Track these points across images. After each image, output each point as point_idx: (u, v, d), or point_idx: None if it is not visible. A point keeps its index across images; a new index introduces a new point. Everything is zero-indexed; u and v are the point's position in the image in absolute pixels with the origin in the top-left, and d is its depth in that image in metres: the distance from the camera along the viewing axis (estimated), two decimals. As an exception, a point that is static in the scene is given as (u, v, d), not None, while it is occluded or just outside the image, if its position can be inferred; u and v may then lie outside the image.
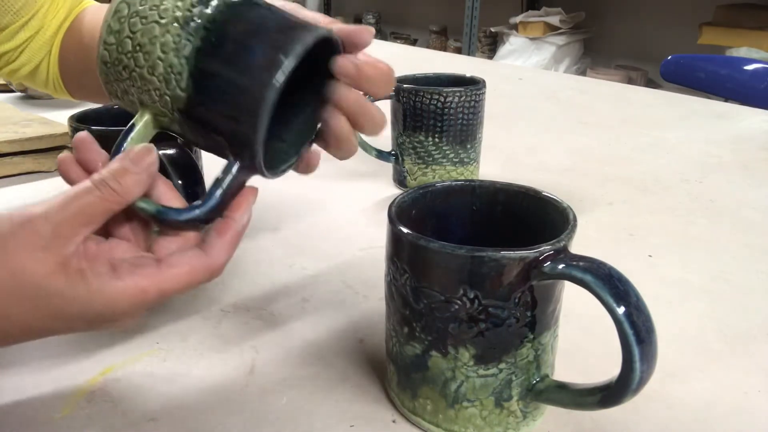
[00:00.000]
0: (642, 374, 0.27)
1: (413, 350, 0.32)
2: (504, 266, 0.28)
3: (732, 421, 0.34)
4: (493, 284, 0.29)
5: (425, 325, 0.31)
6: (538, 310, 0.30)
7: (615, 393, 0.28)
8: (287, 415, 0.34)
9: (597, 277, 0.27)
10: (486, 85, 0.61)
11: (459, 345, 0.30)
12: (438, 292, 0.30)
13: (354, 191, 0.63)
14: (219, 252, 0.31)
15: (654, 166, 0.72)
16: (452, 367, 0.31)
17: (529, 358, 0.31)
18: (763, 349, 0.40)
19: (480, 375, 0.31)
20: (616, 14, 2.80)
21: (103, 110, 0.50)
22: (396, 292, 0.32)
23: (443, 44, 3.25)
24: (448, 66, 1.28)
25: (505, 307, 0.29)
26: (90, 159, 0.32)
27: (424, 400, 0.32)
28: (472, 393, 0.31)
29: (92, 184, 0.29)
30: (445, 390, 0.31)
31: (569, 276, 0.28)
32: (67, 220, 0.29)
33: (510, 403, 0.31)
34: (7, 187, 0.63)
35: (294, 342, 0.40)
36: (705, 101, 1.03)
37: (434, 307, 0.30)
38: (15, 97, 0.94)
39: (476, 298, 0.29)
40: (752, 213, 0.60)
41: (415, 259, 0.30)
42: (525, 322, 0.30)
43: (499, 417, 0.32)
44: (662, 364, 0.38)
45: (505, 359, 0.30)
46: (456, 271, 0.29)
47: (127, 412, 0.34)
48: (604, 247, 0.53)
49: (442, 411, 0.32)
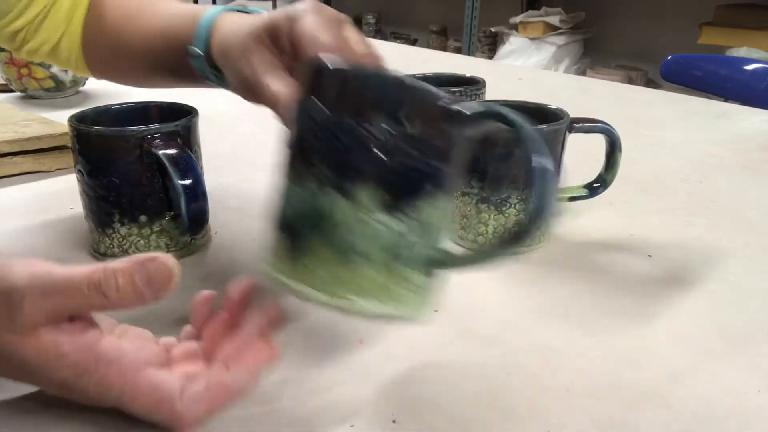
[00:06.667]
0: (549, 195, 0.28)
1: (311, 196, 0.29)
2: (429, 103, 0.29)
3: (732, 421, 0.34)
4: (415, 120, 0.29)
5: (335, 163, 0.29)
6: (446, 165, 0.30)
7: (527, 225, 0.28)
8: (287, 415, 0.34)
9: (510, 112, 0.29)
10: (486, 85, 0.61)
11: (369, 188, 0.29)
12: (359, 123, 0.29)
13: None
14: (193, 405, 0.30)
15: (654, 166, 0.72)
16: (354, 214, 0.29)
17: (432, 218, 0.30)
18: (763, 349, 0.40)
19: (383, 224, 0.29)
20: (616, 14, 2.81)
21: (103, 110, 0.50)
22: (306, 127, 0.30)
23: (443, 44, 3.25)
24: (448, 66, 1.28)
25: (422, 150, 0.29)
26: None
27: (312, 260, 0.30)
28: (370, 246, 0.29)
29: (84, 283, 0.28)
30: (341, 243, 0.29)
31: (491, 114, 0.29)
32: (38, 306, 0.28)
33: (405, 267, 0.30)
34: (7, 187, 0.63)
35: (294, 342, 0.40)
36: (705, 101, 1.03)
37: (351, 142, 0.29)
38: (15, 97, 0.94)
39: (396, 133, 0.29)
40: (752, 213, 0.60)
41: (339, 89, 0.29)
42: (435, 174, 0.29)
43: (390, 283, 0.30)
44: (662, 364, 0.38)
45: (409, 212, 0.29)
46: (385, 102, 0.29)
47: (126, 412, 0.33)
48: (604, 247, 0.53)
49: (332, 271, 0.29)
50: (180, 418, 0.30)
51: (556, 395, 0.35)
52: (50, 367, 0.29)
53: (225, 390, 0.31)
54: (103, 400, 0.31)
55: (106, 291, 0.28)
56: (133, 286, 0.28)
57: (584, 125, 0.51)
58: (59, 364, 0.29)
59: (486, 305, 0.44)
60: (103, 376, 0.29)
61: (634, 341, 0.40)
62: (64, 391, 0.30)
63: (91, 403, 0.31)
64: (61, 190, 0.62)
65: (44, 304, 0.28)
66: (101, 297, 0.28)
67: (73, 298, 0.28)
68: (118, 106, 0.50)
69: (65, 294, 0.28)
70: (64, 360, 0.29)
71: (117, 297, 0.28)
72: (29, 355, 0.29)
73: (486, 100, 0.55)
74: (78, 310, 0.29)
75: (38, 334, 0.28)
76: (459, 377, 0.37)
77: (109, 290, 0.28)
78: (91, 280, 0.28)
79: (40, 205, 0.59)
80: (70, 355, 0.29)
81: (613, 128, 0.51)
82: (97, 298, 0.28)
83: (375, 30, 3.61)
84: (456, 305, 0.44)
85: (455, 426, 0.33)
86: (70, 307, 0.28)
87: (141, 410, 0.30)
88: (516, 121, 0.29)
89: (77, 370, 0.29)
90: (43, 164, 0.66)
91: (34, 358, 0.29)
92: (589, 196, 0.54)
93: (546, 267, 0.49)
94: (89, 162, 0.45)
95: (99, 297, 0.28)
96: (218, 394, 0.30)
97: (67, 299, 0.28)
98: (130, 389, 0.30)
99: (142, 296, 0.29)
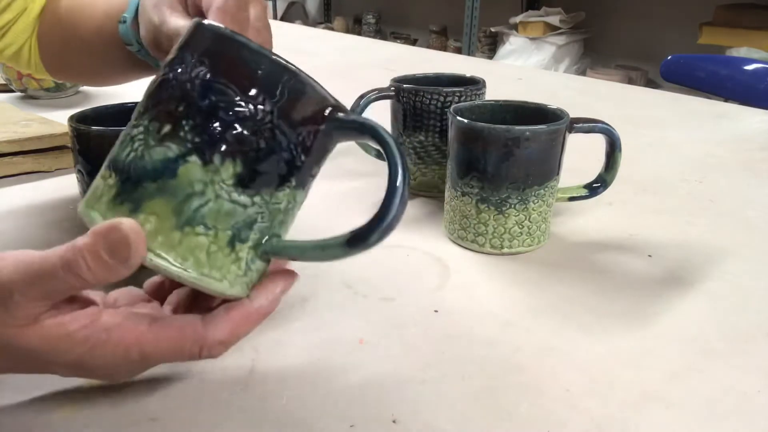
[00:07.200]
0: (397, 212, 0.29)
1: (164, 153, 0.29)
2: (309, 95, 0.30)
3: (732, 422, 0.34)
4: (291, 107, 0.29)
5: (198, 124, 0.29)
6: (308, 161, 0.31)
7: (366, 230, 0.29)
8: (287, 415, 0.34)
9: (383, 130, 0.30)
10: (486, 85, 0.61)
11: (227, 156, 0.29)
12: (234, 91, 0.29)
13: (353, 191, 0.63)
14: (217, 327, 0.30)
15: (654, 166, 0.72)
16: (206, 181, 0.29)
17: (281, 206, 0.31)
18: (763, 349, 0.40)
19: (232, 199, 0.29)
20: (616, 14, 2.80)
21: (103, 110, 0.50)
22: (176, 86, 0.30)
23: (443, 44, 3.25)
24: (448, 66, 1.28)
25: (290, 138, 0.30)
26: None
27: (146, 216, 0.29)
28: (213, 217, 0.29)
29: (59, 265, 0.27)
30: (183, 206, 0.28)
31: (360, 125, 0.30)
32: (27, 296, 0.27)
33: (242, 246, 0.30)
34: (7, 187, 0.63)
35: (294, 342, 0.40)
36: (705, 101, 1.03)
37: (222, 106, 0.29)
38: (15, 97, 0.94)
39: (270, 114, 0.29)
40: (752, 213, 0.60)
41: (222, 53, 0.29)
42: (295, 166, 0.30)
43: (225, 259, 0.29)
44: (662, 364, 0.38)
45: (262, 194, 0.30)
46: (265, 78, 0.29)
47: (127, 412, 0.33)
48: (604, 247, 0.53)
49: (165, 232, 0.28)
50: (203, 340, 0.30)
51: (556, 395, 0.35)
52: (60, 350, 0.29)
53: (245, 313, 0.31)
54: (127, 369, 0.30)
55: (79, 271, 0.27)
56: (101, 261, 0.27)
57: (584, 125, 0.51)
58: (69, 343, 0.29)
59: (486, 305, 0.44)
60: (117, 342, 0.29)
61: (634, 341, 0.40)
62: (83, 371, 0.30)
63: (114, 378, 0.31)
64: (61, 190, 0.62)
65: (32, 292, 0.27)
66: (77, 278, 0.27)
67: (53, 282, 0.27)
68: (118, 106, 0.50)
69: (45, 279, 0.27)
70: (73, 338, 0.29)
71: (91, 276, 0.27)
72: (35, 344, 0.28)
73: (486, 100, 0.55)
74: (63, 293, 0.28)
75: (40, 322, 0.28)
76: (459, 377, 0.37)
77: (81, 270, 0.27)
78: (63, 261, 0.27)
79: (40, 205, 0.59)
80: (78, 332, 0.29)
81: (613, 128, 0.51)
82: (74, 279, 0.27)
83: (375, 30, 3.61)
84: (456, 305, 0.44)
85: (455, 426, 0.33)
86: (56, 291, 0.28)
87: (167, 352, 0.30)
88: (386, 139, 0.30)
89: (89, 344, 0.29)
90: (43, 164, 0.66)
91: (42, 345, 0.28)
92: (589, 196, 0.54)
93: (546, 267, 0.49)
94: (89, 162, 0.45)
95: (75, 278, 0.27)
96: (239, 317, 0.30)
97: (49, 284, 0.27)
98: (150, 339, 0.29)
99: (111, 269, 0.27)
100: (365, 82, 0.65)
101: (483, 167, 0.48)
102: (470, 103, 0.54)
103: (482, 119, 0.52)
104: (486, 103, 0.54)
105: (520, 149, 0.47)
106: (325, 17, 4.00)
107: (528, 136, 0.47)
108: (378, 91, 0.59)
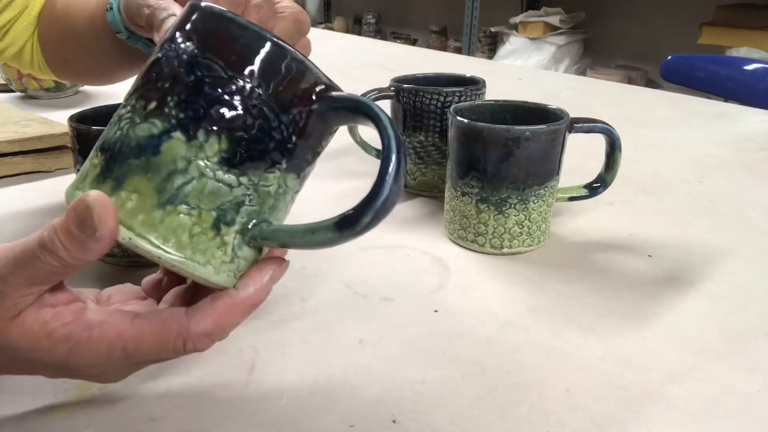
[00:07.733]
0: (390, 192, 0.26)
1: (149, 130, 0.28)
2: (299, 72, 0.29)
3: (732, 422, 0.34)
4: (281, 84, 0.28)
5: (183, 100, 0.28)
6: (302, 144, 0.29)
7: (357, 212, 0.27)
8: (287, 415, 0.34)
9: (378, 108, 0.28)
10: (486, 85, 0.61)
11: (212, 133, 0.28)
12: (220, 66, 0.28)
13: (353, 191, 0.63)
14: (201, 319, 0.28)
15: (654, 166, 0.72)
16: (190, 157, 0.27)
17: (271, 189, 0.29)
18: (763, 349, 0.40)
19: (217, 178, 0.28)
20: (616, 14, 2.80)
21: (103, 110, 0.50)
22: (164, 64, 0.29)
23: (443, 44, 3.25)
24: (448, 66, 1.28)
25: (280, 117, 0.28)
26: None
27: (128, 194, 0.28)
28: (196, 197, 0.28)
29: (37, 250, 0.27)
30: (166, 184, 0.27)
31: (355, 101, 0.29)
32: (10, 284, 0.27)
33: (228, 230, 0.28)
34: (7, 187, 0.63)
35: (294, 342, 0.40)
36: (705, 101, 1.03)
37: (207, 81, 0.28)
38: (15, 97, 0.94)
39: (258, 88, 0.28)
40: (752, 213, 0.60)
41: (209, 28, 0.29)
42: (286, 146, 0.29)
43: (209, 243, 0.28)
44: (662, 364, 0.38)
45: (249, 175, 0.28)
46: (253, 54, 0.28)
47: (127, 412, 0.34)
48: (604, 247, 0.53)
49: (146, 210, 0.27)
50: (187, 332, 0.28)
51: (556, 395, 0.35)
52: (42, 348, 0.28)
53: (231, 303, 0.29)
54: (113, 368, 0.30)
55: (55, 249, 0.26)
56: (73, 237, 0.26)
57: (584, 125, 0.51)
58: (50, 342, 0.28)
59: (486, 305, 0.44)
60: (99, 339, 0.28)
61: (634, 341, 0.40)
62: (67, 371, 0.29)
63: (102, 379, 0.30)
64: (61, 190, 0.62)
65: (17, 279, 0.27)
66: (55, 257, 0.26)
67: (34, 265, 0.27)
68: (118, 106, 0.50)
69: (26, 262, 0.27)
70: (54, 336, 0.28)
71: (66, 254, 0.26)
72: (16, 340, 0.28)
73: (486, 100, 0.55)
74: (47, 277, 0.27)
75: (22, 317, 0.27)
76: (459, 377, 0.37)
77: (57, 249, 0.26)
78: (40, 241, 0.27)
79: (40, 205, 0.59)
80: (59, 330, 0.28)
81: (613, 128, 0.51)
82: (52, 259, 0.26)
83: (375, 30, 3.61)
84: (456, 305, 0.44)
85: (455, 426, 0.33)
86: (40, 275, 0.27)
87: (151, 347, 0.29)
88: (379, 115, 0.28)
89: (71, 342, 0.28)
90: (43, 164, 0.66)
91: (23, 342, 0.28)
92: (589, 196, 0.54)
93: (546, 267, 0.49)
94: (89, 162, 0.45)
95: (53, 257, 0.26)
96: (224, 307, 0.29)
97: (31, 267, 0.27)
98: (132, 334, 0.28)
99: (84, 245, 0.26)
100: (365, 82, 0.65)
101: (483, 167, 0.48)
102: (470, 103, 0.54)
103: (482, 119, 0.52)
104: (486, 103, 0.54)
105: (520, 149, 0.47)
106: (325, 17, 4.00)
107: (528, 136, 0.47)
108: (378, 91, 0.59)
